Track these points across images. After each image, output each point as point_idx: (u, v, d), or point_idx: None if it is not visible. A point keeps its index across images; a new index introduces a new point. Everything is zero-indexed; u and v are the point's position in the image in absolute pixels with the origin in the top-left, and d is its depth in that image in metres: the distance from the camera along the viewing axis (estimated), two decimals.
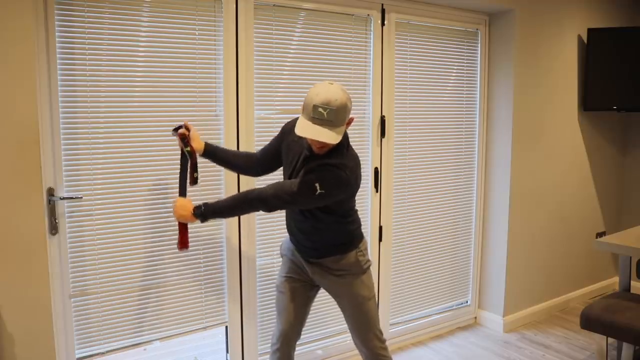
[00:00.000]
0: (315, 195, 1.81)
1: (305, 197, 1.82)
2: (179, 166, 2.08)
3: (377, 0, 2.87)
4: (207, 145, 2.13)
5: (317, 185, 1.80)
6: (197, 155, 2.12)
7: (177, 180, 2.08)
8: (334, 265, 2.05)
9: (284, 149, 2.05)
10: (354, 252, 2.06)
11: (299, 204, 1.85)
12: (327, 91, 1.75)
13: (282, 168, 2.15)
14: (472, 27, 3.31)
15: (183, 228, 2.02)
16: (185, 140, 2.07)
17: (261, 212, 2.60)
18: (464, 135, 3.38)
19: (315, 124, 1.75)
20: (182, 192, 2.07)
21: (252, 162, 2.16)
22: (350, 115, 1.86)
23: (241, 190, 2.38)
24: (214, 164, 2.45)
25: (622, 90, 3.54)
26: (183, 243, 2.02)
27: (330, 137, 1.75)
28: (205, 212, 1.92)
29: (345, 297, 2.07)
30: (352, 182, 1.88)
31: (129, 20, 2.19)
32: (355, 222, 2.08)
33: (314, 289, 2.19)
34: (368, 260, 2.10)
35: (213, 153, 2.13)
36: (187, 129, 2.10)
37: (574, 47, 3.61)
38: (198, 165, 2.15)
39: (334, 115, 1.74)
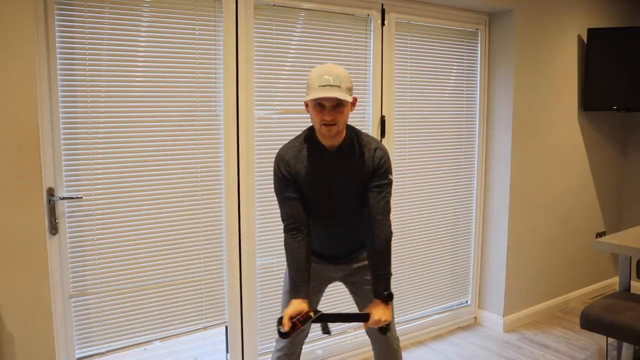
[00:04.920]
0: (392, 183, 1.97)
1: (391, 193, 1.96)
2: (335, 322, 1.95)
3: (377, 0, 2.87)
4: (300, 295, 1.85)
5: (390, 177, 1.94)
6: (310, 304, 1.90)
7: (343, 320, 1.95)
8: (363, 254, 2.07)
9: (304, 183, 1.91)
10: None
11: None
12: (325, 67, 1.80)
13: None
14: (472, 27, 3.31)
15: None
16: (302, 319, 1.78)
17: (259, 210, 2.61)
18: (464, 136, 3.38)
19: (325, 90, 1.75)
20: (364, 317, 1.85)
21: (302, 238, 1.91)
22: (354, 95, 1.87)
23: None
24: (214, 161, 2.45)
25: (622, 90, 3.53)
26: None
27: (342, 95, 1.75)
28: (390, 293, 1.88)
29: (370, 283, 2.06)
30: None
31: (129, 20, 2.19)
32: None
33: (323, 291, 2.18)
34: None
35: (307, 288, 1.89)
36: (289, 319, 1.78)
37: (574, 47, 3.61)
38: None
39: (339, 81, 1.76)
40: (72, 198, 2.13)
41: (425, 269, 3.30)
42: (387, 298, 1.87)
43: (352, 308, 2.62)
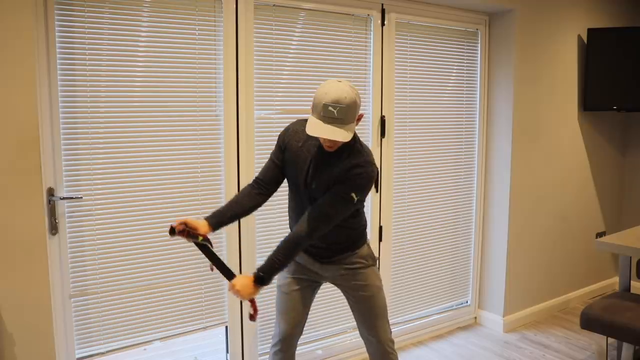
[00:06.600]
0: (353, 204, 1.87)
1: (344, 210, 1.88)
2: (206, 258, 1.94)
3: (377, 0, 2.87)
4: (210, 220, 1.93)
5: (353, 195, 1.85)
6: (209, 236, 1.94)
7: (214, 264, 1.93)
8: (350, 259, 2.07)
9: (288, 158, 1.99)
10: (365, 244, 2.11)
11: (339, 218, 1.89)
12: (336, 89, 1.74)
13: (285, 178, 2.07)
14: (472, 27, 3.31)
15: (252, 300, 1.94)
16: (191, 233, 1.88)
17: (260, 210, 2.61)
18: (464, 135, 3.38)
19: (326, 123, 1.75)
20: (230, 275, 1.91)
21: (257, 194, 2.02)
22: (360, 112, 1.86)
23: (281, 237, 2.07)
24: (214, 161, 2.45)
25: (622, 90, 3.54)
26: (255, 312, 1.95)
27: (342, 135, 1.74)
28: (265, 278, 1.86)
29: (360, 289, 2.08)
30: (376, 176, 1.93)
31: (129, 20, 2.19)
32: (364, 216, 2.10)
33: (317, 288, 2.19)
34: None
35: (220, 222, 1.95)
36: (183, 224, 1.88)
37: (574, 47, 3.61)
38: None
39: (344, 113, 1.74)
40: (72, 198, 2.13)
41: (425, 269, 3.30)
42: (257, 277, 1.84)
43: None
